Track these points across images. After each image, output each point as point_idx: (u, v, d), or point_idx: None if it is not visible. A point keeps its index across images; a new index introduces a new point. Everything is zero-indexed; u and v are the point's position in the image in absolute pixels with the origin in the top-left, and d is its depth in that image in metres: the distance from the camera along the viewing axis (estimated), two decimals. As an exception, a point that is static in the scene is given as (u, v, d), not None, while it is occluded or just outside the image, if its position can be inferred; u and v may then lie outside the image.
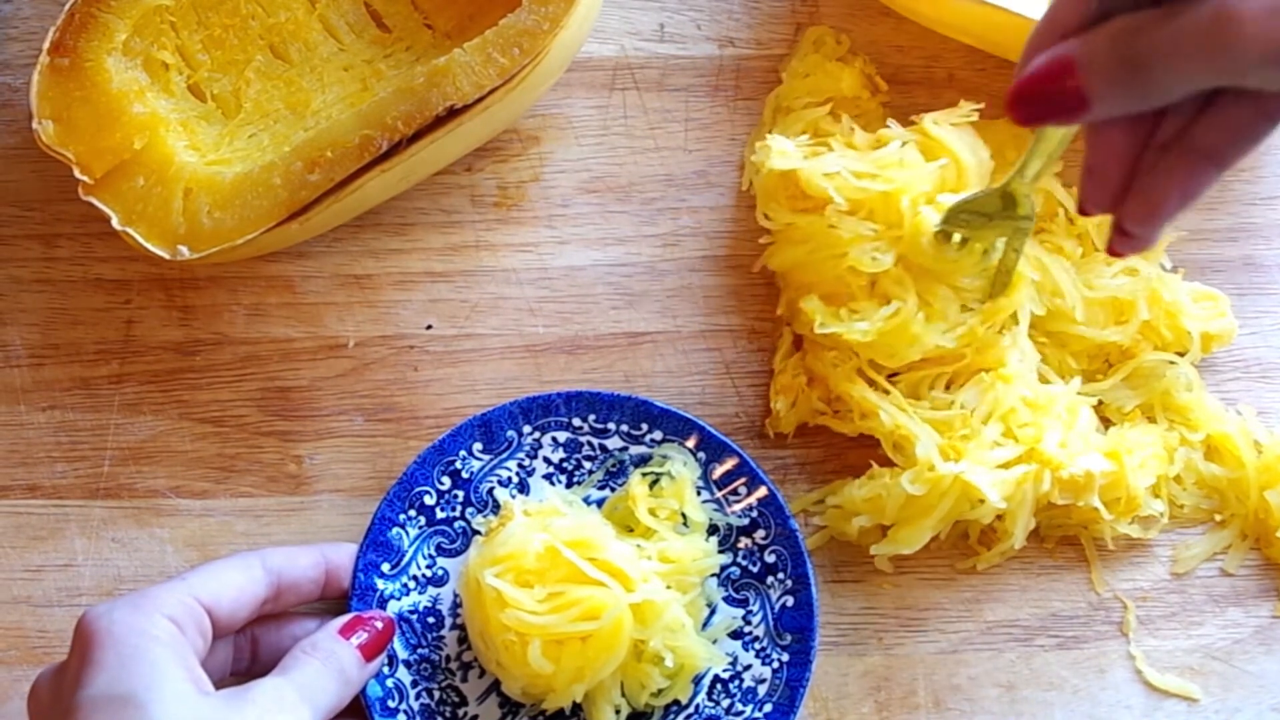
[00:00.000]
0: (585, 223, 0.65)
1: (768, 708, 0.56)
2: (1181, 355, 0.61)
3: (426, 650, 0.57)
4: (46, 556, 0.61)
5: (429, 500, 0.59)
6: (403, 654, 0.57)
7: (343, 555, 0.56)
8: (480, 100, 0.58)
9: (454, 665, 0.57)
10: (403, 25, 0.65)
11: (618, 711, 0.55)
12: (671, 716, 0.57)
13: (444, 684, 0.57)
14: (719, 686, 0.57)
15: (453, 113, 0.58)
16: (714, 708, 0.57)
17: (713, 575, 0.58)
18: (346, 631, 0.53)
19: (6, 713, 0.60)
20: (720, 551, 0.58)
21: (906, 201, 0.58)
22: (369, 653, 0.53)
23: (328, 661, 0.51)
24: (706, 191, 0.65)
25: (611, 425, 0.59)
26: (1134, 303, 0.60)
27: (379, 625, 0.54)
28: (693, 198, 0.65)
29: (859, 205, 0.59)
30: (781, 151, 0.60)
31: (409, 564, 0.58)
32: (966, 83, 0.66)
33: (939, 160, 0.59)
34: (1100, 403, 0.61)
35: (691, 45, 0.67)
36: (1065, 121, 0.42)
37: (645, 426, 0.59)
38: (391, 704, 0.56)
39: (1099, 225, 0.63)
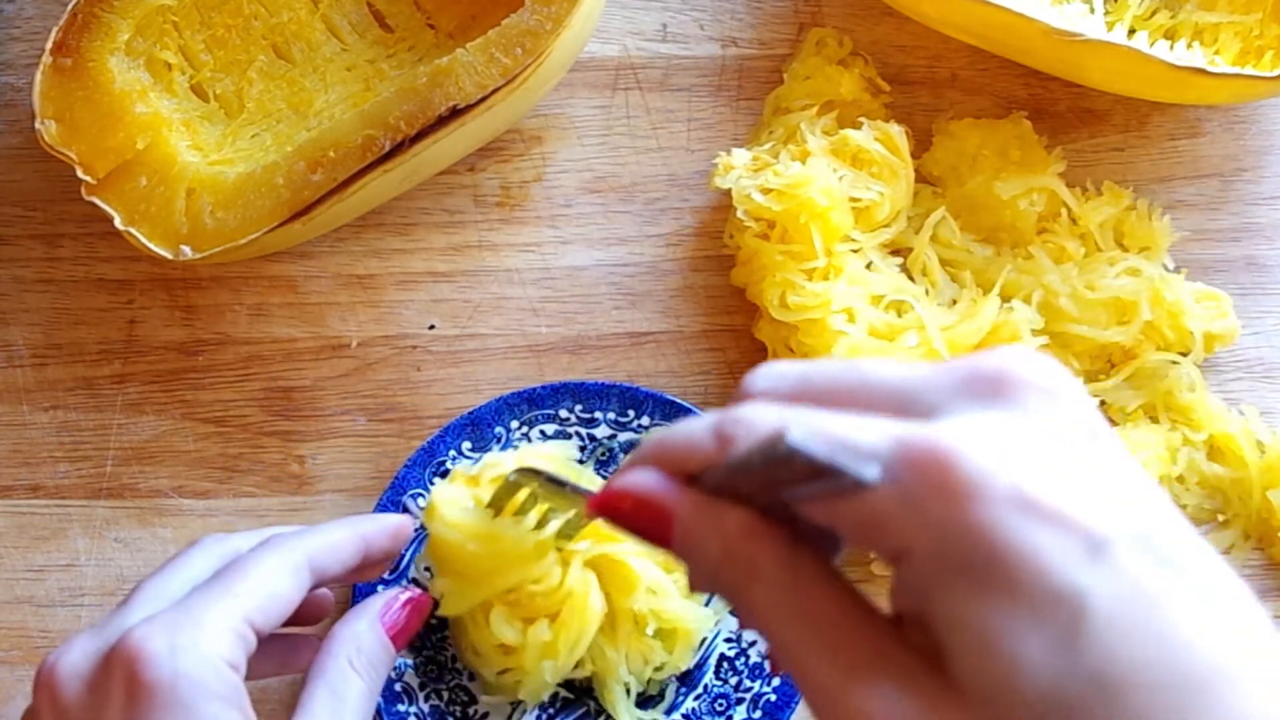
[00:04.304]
0: (588, 222, 0.65)
1: (776, 680, 0.56)
2: (1184, 355, 0.61)
3: (432, 651, 0.57)
4: (49, 556, 0.61)
5: (422, 503, 0.58)
6: (409, 656, 0.57)
7: (381, 537, 0.49)
8: (483, 100, 0.58)
9: (460, 665, 0.57)
10: (405, 25, 0.65)
11: (628, 691, 0.55)
12: (681, 697, 0.57)
13: (452, 684, 0.57)
14: (725, 665, 0.57)
15: (455, 112, 0.58)
16: (722, 686, 0.57)
17: None
18: (385, 623, 0.48)
19: (9, 712, 0.60)
20: None
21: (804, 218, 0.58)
22: (399, 644, 0.49)
23: (369, 674, 0.46)
24: (709, 191, 0.65)
25: (599, 414, 0.59)
26: (1136, 303, 0.60)
27: (405, 612, 0.49)
28: (695, 198, 0.65)
29: (775, 223, 0.59)
30: (726, 166, 0.60)
31: (407, 567, 0.58)
32: (969, 83, 0.66)
33: (839, 172, 0.60)
34: (1103, 403, 0.61)
35: (694, 45, 0.67)
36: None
37: (632, 413, 0.59)
38: (401, 708, 0.56)
39: (1101, 225, 0.63)
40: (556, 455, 0.56)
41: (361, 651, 0.46)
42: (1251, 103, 0.66)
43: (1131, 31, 0.63)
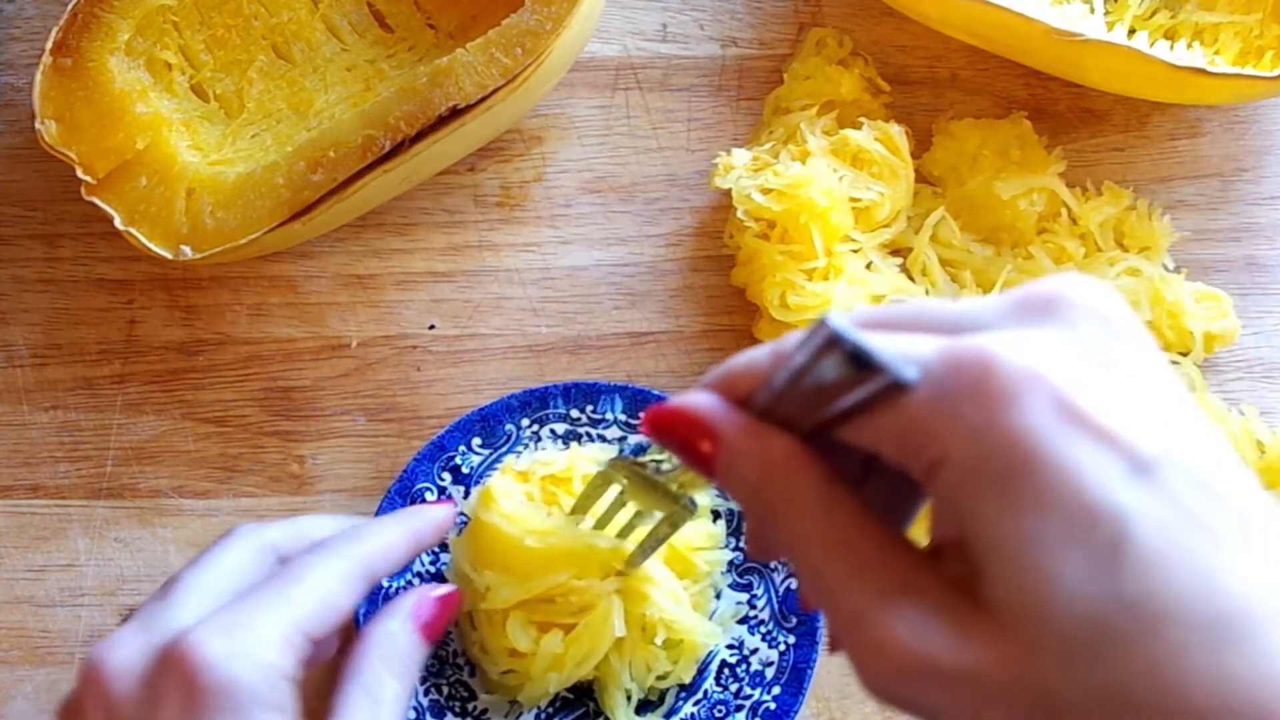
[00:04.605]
0: (588, 222, 0.65)
1: (776, 690, 0.56)
2: (1184, 355, 0.61)
3: (433, 645, 0.57)
4: (49, 556, 0.61)
5: (430, 497, 0.59)
6: None
7: (429, 530, 0.49)
8: (483, 100, 0.58)
9: (461, 660, 0.57)
10: (405, 25, 0.65)
11: (629, 697, 0.55)
12: (681, 702, 0.57)
13: (452, 679, 0.57)
14: (726, 671, 0.57)
15: (455, 112, 0.58)
16: (722, 692, 0.57)
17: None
18: (417, 621, 0.47)
19: (8, 713, 0.60)
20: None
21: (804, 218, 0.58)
22: (430, 641, 0.48)
23: (403, 677, 0.45)
24: (709, 191, 0.65)
25: (609, 415, 0.59)
26: (1136, 303, 0.60)
27: (437, 609, 0.48)
28: (695, 198, 0.65)
29: (775, 223, 0.60)
30: (726, 166, 0.60)
31: (412, 561, 0.58)
32: (969, 83, 0.66)
33: (839, 172, 0.60)
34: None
35: (694, 45, 0.67)
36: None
37: (642, 415, 0.59)
38: None
39: (1101, 225, 0.63)
40: (602, 459, 0.56)
41: (395, 652, 0.46)
42: (1251, 103, 0.66)
43: (1131, 31, 0.63)
